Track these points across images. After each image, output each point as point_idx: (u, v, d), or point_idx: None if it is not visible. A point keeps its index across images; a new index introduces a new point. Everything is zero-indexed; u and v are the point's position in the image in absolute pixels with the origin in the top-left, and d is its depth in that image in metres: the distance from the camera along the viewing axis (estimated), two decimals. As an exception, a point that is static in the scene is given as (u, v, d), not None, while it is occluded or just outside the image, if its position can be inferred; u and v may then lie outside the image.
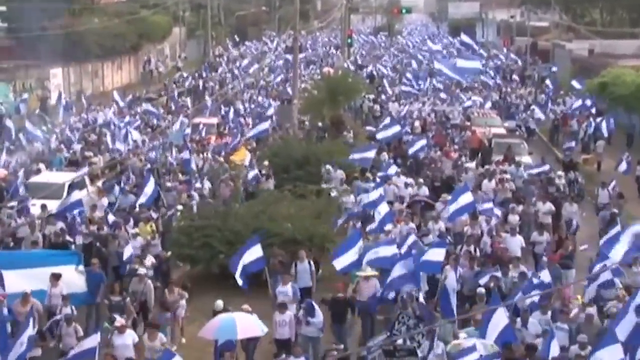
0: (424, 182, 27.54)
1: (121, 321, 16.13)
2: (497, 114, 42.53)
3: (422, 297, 17.66)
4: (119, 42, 60.74)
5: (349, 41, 65.81)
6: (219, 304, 17.30)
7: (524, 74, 61.83)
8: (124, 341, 15.75)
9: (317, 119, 40.48)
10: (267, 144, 35.30)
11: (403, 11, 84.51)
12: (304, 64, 65.72)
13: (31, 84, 50.24)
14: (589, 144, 37.62)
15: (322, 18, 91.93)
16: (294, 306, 17.67)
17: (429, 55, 65.73)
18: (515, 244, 21.03)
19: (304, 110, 41.24)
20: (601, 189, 26.66)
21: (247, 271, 18.48)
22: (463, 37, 66.26)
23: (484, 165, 30.41)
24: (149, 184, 24.83)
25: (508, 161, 30.33)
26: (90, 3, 65.05)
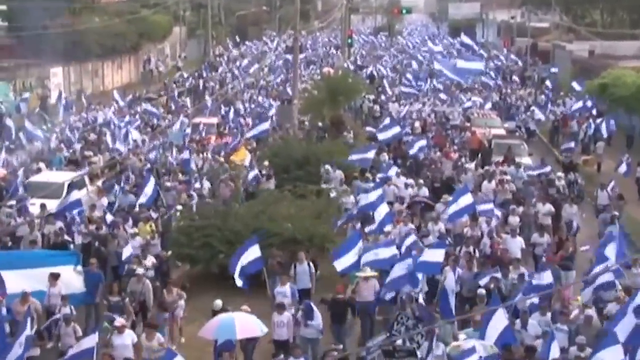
0: (424, 182, 27.56)
1: (121, 321, 16.14)
2: (497, 115, 42.51)
3: (422, 298, 17.65)
4: (119, 42, 60.69)
5: (349, 41, 65.77)
6: (217, 303, 17.30)
7: (524, 74, 61.79)
8: (123, 341, 15.77)
9: (317, 119, 40.44)
10: (267, 144, 35.29)
11: (403, 11, 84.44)
12: (304, 64, 65.68)
13: (31, 83, 50.17)
14: (589, 145, 37.59)
15: (323, 18, 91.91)
16: (293, 307, 17.65)
17: (429, 56, 65.67)
18: (515, 245, 21.01)
19: (304, 111, 41.19)
20: (600, 191, 26.65)
21: (246, 272, 18.49)
22: (463, 37, 66.33)
23: (483, 166, 30.39)
24: (149, 184, 24.84)
25: (508, 162, 30.30)
26: (91, 2, 65.02)
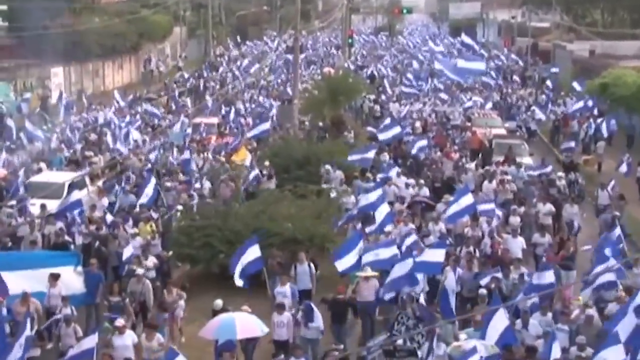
0: (425, 182, 27.53)
1: (121, 322, 16.11)
2: (498, 115, 42.50)
3: (423, 298, 17.62)
4: (119, 42, 60.66)
5: (349, 41, 65.77)
6: (218, 303, 17.30)
7: (524, 74, 61.77)
8: (124, 342, 15.74)
9: (317, 119, 40.42)
10: (267, 144, 35.27)
11: (404, 11, 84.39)
12: (305, 64, 65.66)
13: (32, 83, 50.16)
14: (589, 145, 37.58)
15: (323, 18, 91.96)
16: (293, 307, 17.62)
17: (429, 56, 65.66)
18: (516, 245, 20.98)
19: (305, 111, 41.16)
20: (600, 190, 26.62)
21: (246, 272, 18.47)
22: (464, 37, 66.29)
23: (484, 166, 30.36)
24: (150, 184, 24.82)
25: (508, 162, 30.27)
26: (91, 2, 64.99)
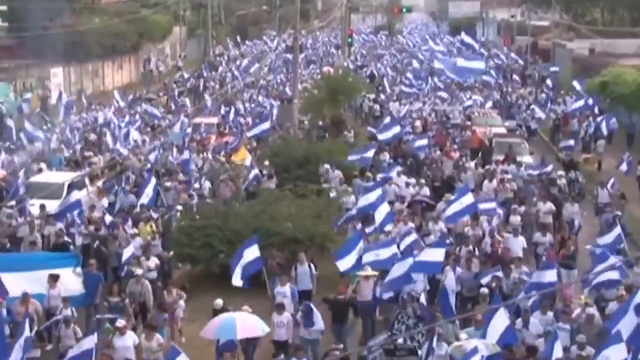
0: (424, 182, 27.50)
1: (122, 322, 16.07)
2: (498, 114, 42.48)
3: (424, 298, 17.58)
4: (119, 42, 60.62)
5: (349, 40, 65.74)
6: (218, 302, 17.28)
7: (524, 73, 61.75)
8: (125, 343, 15.69)
9: (317, 118, 40.41)
10: (267, 143, 35.25)
11: (403, 10, 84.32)
12: (305, 63, 65.63)
13: (32, 83, 50.15)
14: (589, 143, 37.56)
15: (323, 17, 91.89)
16: (293, 307, 17.60)
17: (429, 55, 65.62)
18: (517, 244, 20.96)
19: (305, 110, 41.12)
20: (600, 189, 26.61)
21: (246, 272, 18.44)
22: (464, 36, 66.25)
23: (484, 165, 30.33)
24: (150, 184, 24.80)
25: (508, 161, 30.23)
26: (91, 3, 64.98)
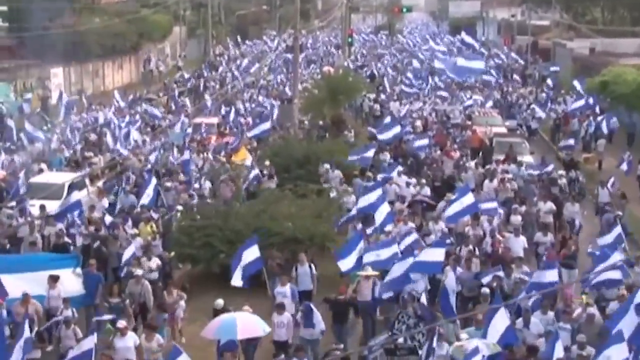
0: (425, 181, 27.47)
1: (123, 323, 16.04)
2: (498, 113, 42.47)
3: (425, 298, 17.53)
4: (119, 42, 60.61)
5: (349, 40, 65.70)
6: (219, 302, 17.27)
7: (525, 73, 61.74)
8: (125, 343, 15.67)
9: (317, 118, 40.40)
10: (267, 143, 35.24)
11: (404, 10, 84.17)
12: (305, 63, 65.61)
13: (32, 83, 50.15)
14: (590, 142, 37.54)
15: (323, 17, 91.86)
16: (293, 307, 17.59)
17: (429, 55, 65.61)
18: (518, 244, 20.95)
19: (305, 110, 41.12)
20: (601, 188, 26.58)
21: (246, 273, 18.43)
22: (464, 36, 66.20)
23: (484, 165, 30.31)
24: (151, 184, 24.78)
25: (509, 160, 30.20)
26: (91, 3, 64.99)
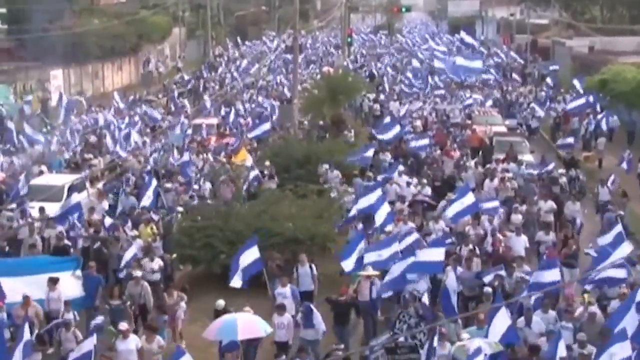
0: (426, 181, 27.44)
1: (125, 326, 15.98)
2: (498, 112, 42.44)
3: (427, 297, 17.48)
4: (119, 43, 60.64)
5: (348, 40, 65.76)
6: (220, 303, 17.26)
7: (524, 71, 61.72)
8: (128, 346, 15.63)
9: (317, 118, 40.40)
10: (267, 144, 35.23)
11: (403, 10, 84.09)
12: (304, 63, 65.60)
13: (32, 85, 50.16)
14: (590, 141, 37.52)
15: (322, 17, 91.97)
16: (294, 308, 17.56)
17: (428, 54, 65.60)
18: (519, 243, 20.92)
19: (305, 110, 41.11)
20: (601, 187, 26.56)
21: (246, 274, 18.41)
22: (463, 35, 66.22)
23: (484, 164, 30.29)
24: (151, 186, 24.77)
25: (509, 159, 30.17)
26: (90, 4, 65.00)
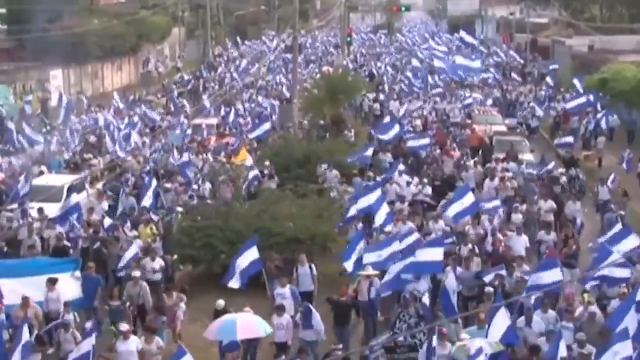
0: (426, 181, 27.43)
1: (126, 327, 15.98)
2: (498, 112, 42.42)
3: (427, 297, 17.45)
4: (118, 43, 60.63)
5: (348, 40, 65.72)
6: (220, 303, 17.27)
7: (524, 70, 61.70)
8: (128, 347, 15.59)
9: (317, 118, 40.38)
10: (267, 143, 35.22)
11: (402, 9, 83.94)
12: (304, 63, 65.58)
13: (31, 85, 50.15)
14: (589, 140, 37.51)
15: (322, 17, 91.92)
16: (294, 308, 17.55)
17: (428, 53, 65.57)
18: (520, 243, 20.90)
19: (305, 110, 41.09)
20: (600, 186, 26.56)
21: (244, 274, 18.40)
22: (462, 34, 66.17)
23: (484, 164, 30.27)
24: (152, 186, 24.75)
25: (509, 159, 30.15)
26: (90, 4, 64.99)
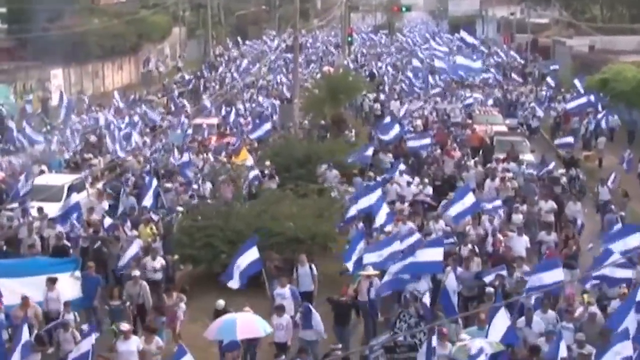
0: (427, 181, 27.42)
1: (127, 327, 15.97)
2: (499, 112, 42.41)
3: (428, 297, 17.43)
4: (119, 43, 60.65)
5: (349, 39, 65.67)
6: (220, 303, 17.26)
7: (524, 71, 61.69)
8: (128, 347, 15.59)
9: (318, 117, 40.37)
10: (268, 143, 35.22)
11: (403, 9, 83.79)
12: (304, 63, 65.57)
13: (32, 85, 50.16)
14: (590, 140, 37.50)
15: (322, 17, 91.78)
16: (294, 309, 17.54)
17: (429, 53, 65.55)
18: (521, 244, 20.89)
19: (305, 110, 41.09)
20: (601, 186, 26.56)
21: (244, 275, 18.40)
22: (463, 34, 66.14)
23: (485, 164, 30.27)
24: (152, 186, 24.74)
25: (509, 159, 30.14)
26: (90, 4, 64.99)
